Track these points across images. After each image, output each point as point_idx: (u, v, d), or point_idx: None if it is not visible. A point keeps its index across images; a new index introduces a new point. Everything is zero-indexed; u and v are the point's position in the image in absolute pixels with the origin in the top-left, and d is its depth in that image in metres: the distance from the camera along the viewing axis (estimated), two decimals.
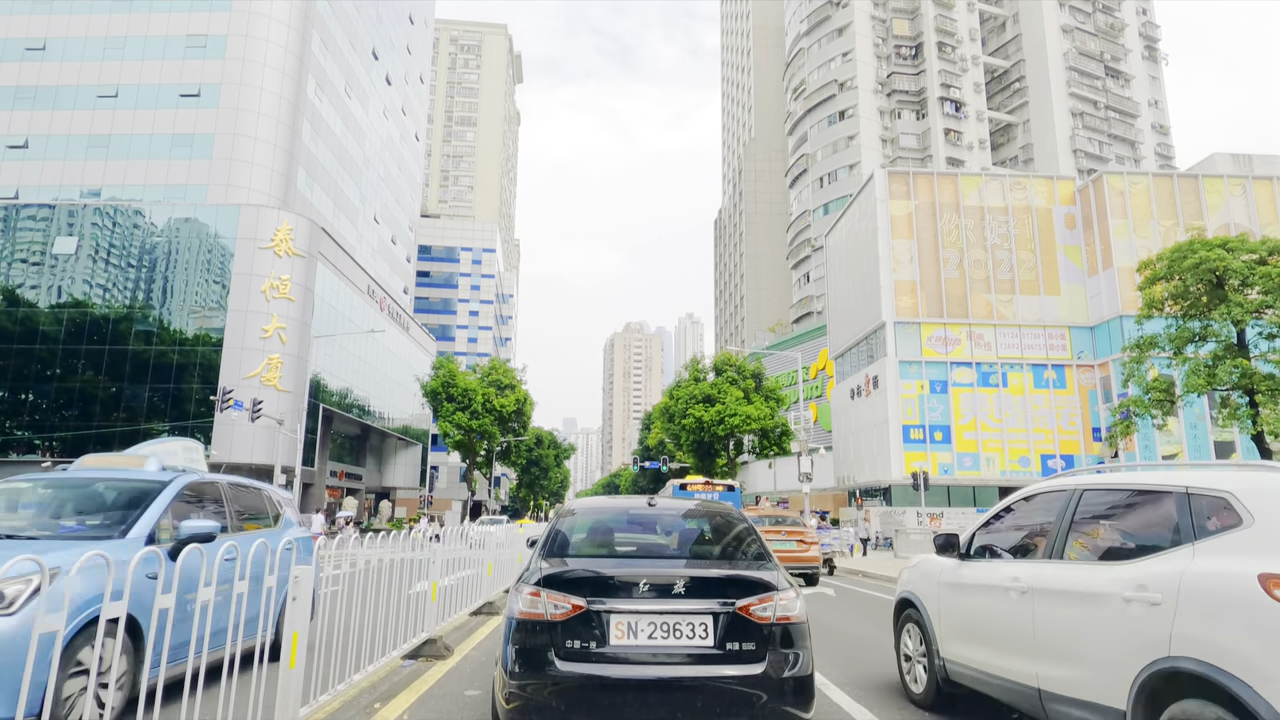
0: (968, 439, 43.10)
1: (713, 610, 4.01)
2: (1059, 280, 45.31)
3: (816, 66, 73.59)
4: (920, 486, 26.65)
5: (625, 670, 3.87)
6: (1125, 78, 73.83)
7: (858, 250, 49.54)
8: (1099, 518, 4.29)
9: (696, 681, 3.87)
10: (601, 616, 3.95)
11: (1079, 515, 4.36)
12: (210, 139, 41.82)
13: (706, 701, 3.85)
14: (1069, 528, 4.37)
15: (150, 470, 6.04)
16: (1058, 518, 4.49)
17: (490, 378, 51.59)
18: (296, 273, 40.97)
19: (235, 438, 37.90)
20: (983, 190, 46.36)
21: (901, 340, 44.21)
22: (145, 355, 38.89)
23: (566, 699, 3.85)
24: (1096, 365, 43.79)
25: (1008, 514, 5.37)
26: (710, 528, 5.17)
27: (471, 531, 11.87)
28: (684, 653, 3.95)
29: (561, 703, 3.85)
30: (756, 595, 4.06)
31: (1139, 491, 4.01)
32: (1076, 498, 4.42)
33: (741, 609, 4.01)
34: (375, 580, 6.62)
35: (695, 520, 5.35)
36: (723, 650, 3.96)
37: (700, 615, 4.00)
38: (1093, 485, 4.40)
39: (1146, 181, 44.61)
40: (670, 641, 3.96)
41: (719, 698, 3.86)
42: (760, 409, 45.23)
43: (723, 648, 3.97)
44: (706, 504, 5.68)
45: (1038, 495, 4.95)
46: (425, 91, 76.72)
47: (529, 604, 4.00)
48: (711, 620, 4.00)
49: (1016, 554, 4.93)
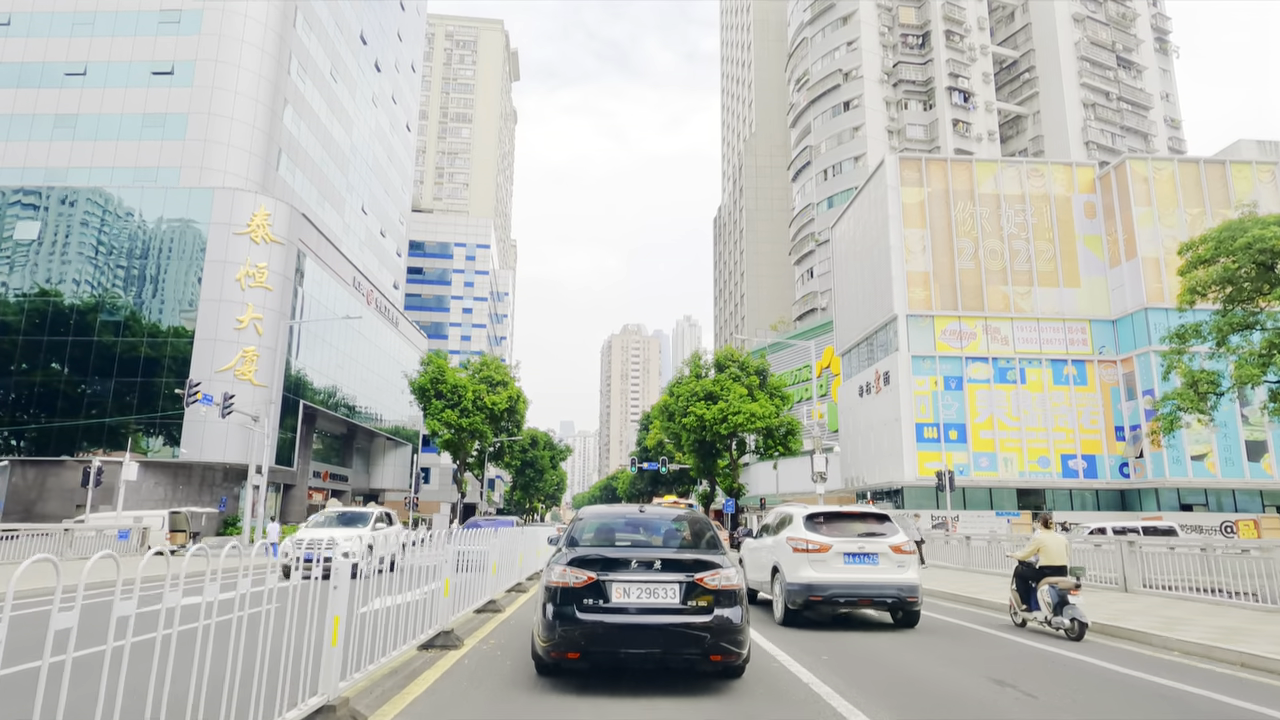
0: (984, 438, 40.84)
1: (679, 580, 6.25)
2: (1079, 271, 43.12)
3: (820, 56, 71.47)
4: (945, 487, 24.38)
5: (622, 618, 6.11)
6: (1137, 69, 71.82)
7: (867, 241, 47.32)
8: (780, 523, 12.03)
9: (667, 626, 6.12)
10: (606, 584, 6.21)
11: (771, 520, 12.58)
12: (184, 119, 39.45)
13: (673, 638, 6.11)
14: (765, 528, 12.77)
15: None
16: (772, 522, 12.49)
17: (481, 374, 49.21)
18: (275, 260, 38.63)
19: (207, 435, 35.53)
20: (998, 177, 44.18)
21: (914, 334, 41.97)
22: (112, 347, 36.51)
23: (585, 636, 6.07)
24: (1119, 361, 41.58)
25: (766, 525, 13.03)
26: (682, 525, 7.71)
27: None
28: (660, 607, 6.18)
29: (582, 639, 6.07)
30: (708, 571, 6.31)
31: (787, 514, 12.08)
32: (777, 515, 12.48)
33: (698, 580, 6.24)
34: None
35: (671, 521, 7.83)
36: (685, 606, 6.20)
37: (671, 583, 6.25)
38: (784, 509, 12.47)
39: (1171, 167, 42.46)
40: (651, 600, 6.20)
41: (682, 636, 6.11)
42: (765, 407, 42.89)
43: (685, 604, 6.20)
44: (680, 511, 8.24)
45: (771, 511, 13.05)
46: (417, 81, 74.45)
47: (560, 576, 6.24)
48: (678, 587, 6.24)
49: (759, 535, 13.07)
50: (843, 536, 10.77)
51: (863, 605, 10.58)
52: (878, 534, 10.88)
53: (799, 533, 10.90)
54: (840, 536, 10.76)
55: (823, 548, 10.57)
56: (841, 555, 10.58)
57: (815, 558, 10.56)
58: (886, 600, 10.51)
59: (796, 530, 10.99)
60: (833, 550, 10.56)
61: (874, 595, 10.47)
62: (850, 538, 10.76)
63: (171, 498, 36.10)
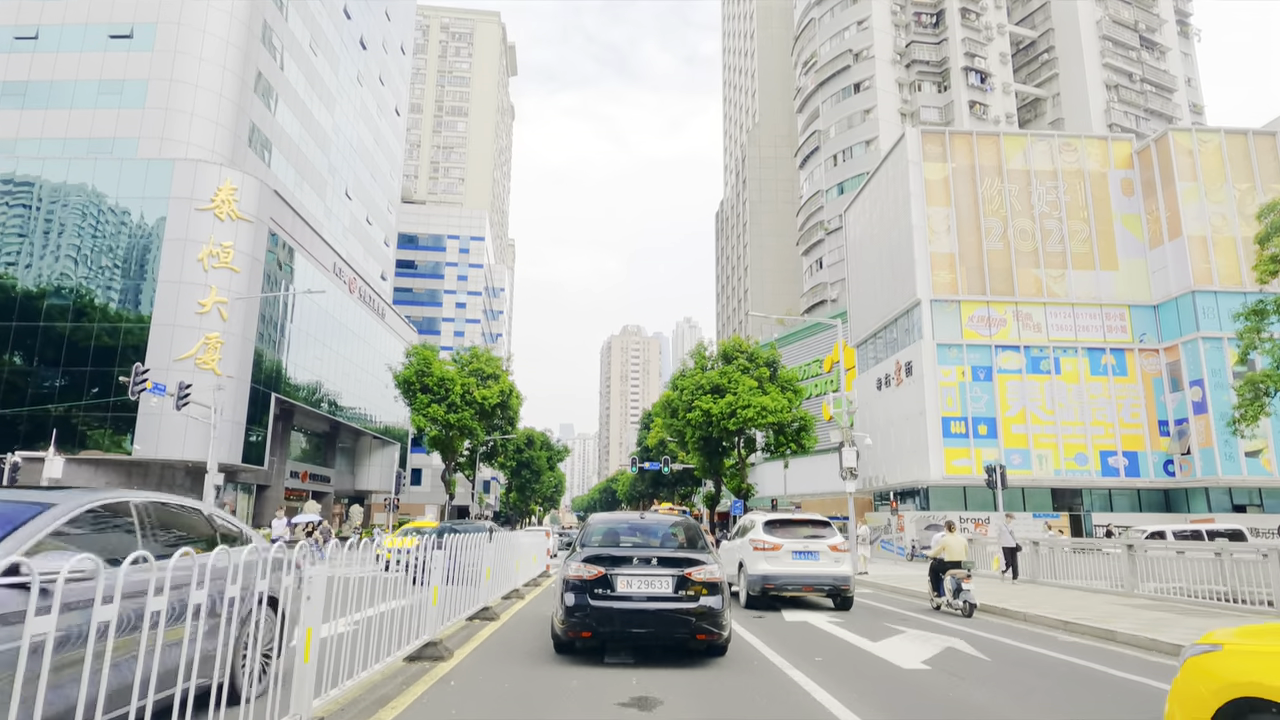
0: (1016, 433, 37.52)
1: (672, 574, 7.60)
2: (1116, 253, 39.85)
3: (829, 37, 68.26)
4: (997, 484, 21.02)
5: (626, 604, 7.40)
6: (1161, 49, 68.64)
7: (885, 222, 44.03)
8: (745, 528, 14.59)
9: (662, 610, 7.39)
10: (613, 577, 7.55)
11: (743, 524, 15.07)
12: (143, 85, 36.14)
13: (667, 621, 7.38)
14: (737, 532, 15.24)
15: None
16: (744, 525, 14.86)
17: (471, 367, 45.80)
18: (242, 240, 35.32)
19: (164, 430, 32.17)
20: (1028, 152, 40.92)
21: (939, 320, 38.67)
22: (60, 332, 33.20)
23: (596, 618, 7.34)
24: (1162, 349, 38.28)
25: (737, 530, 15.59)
26: (676, 530, 9.04)
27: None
28: (657, 596, 7.50)
29: (593, 620, 7.34)
30: (695, 566, 7.65)
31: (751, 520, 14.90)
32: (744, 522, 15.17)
33: (687, 574, 7.59)
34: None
35: (668, 526, 9.15)
36: (676, 595, 7.51)
37: (665, 577, 7.59)
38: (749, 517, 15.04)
39: (1217, 139, 39.19)
40: (649, 590, 7.52)
41: (674, 619, 7.38)
42: (777, 400, 39.48)
43: (676, 593, 7.52)
44: (675, 518, 9.71)
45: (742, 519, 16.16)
46: (407, 64, 71.20)
47: (575, 570, 7.58)
48: (671, 579, 7.58)
49: (732, 538, 15.32)
50: (792, 538, 13.10)
51: (806, 591, 12.96)
52: (820, 536, 13.28)
53: (759, 535, 13.29)
54: (790, 538, 13.09)
55: (775, 547, 12.93)
56: (791, 553, 12.92)
57: (770, 555, 12.94)
58: (825, 588, 12.84)
59: (757, 533, 13.37)
60: (783, 549, 12.90)
61: (815, 584, 12.81)
62: (798, 539, 13.09)
63: None
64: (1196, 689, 3.22)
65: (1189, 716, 3.23)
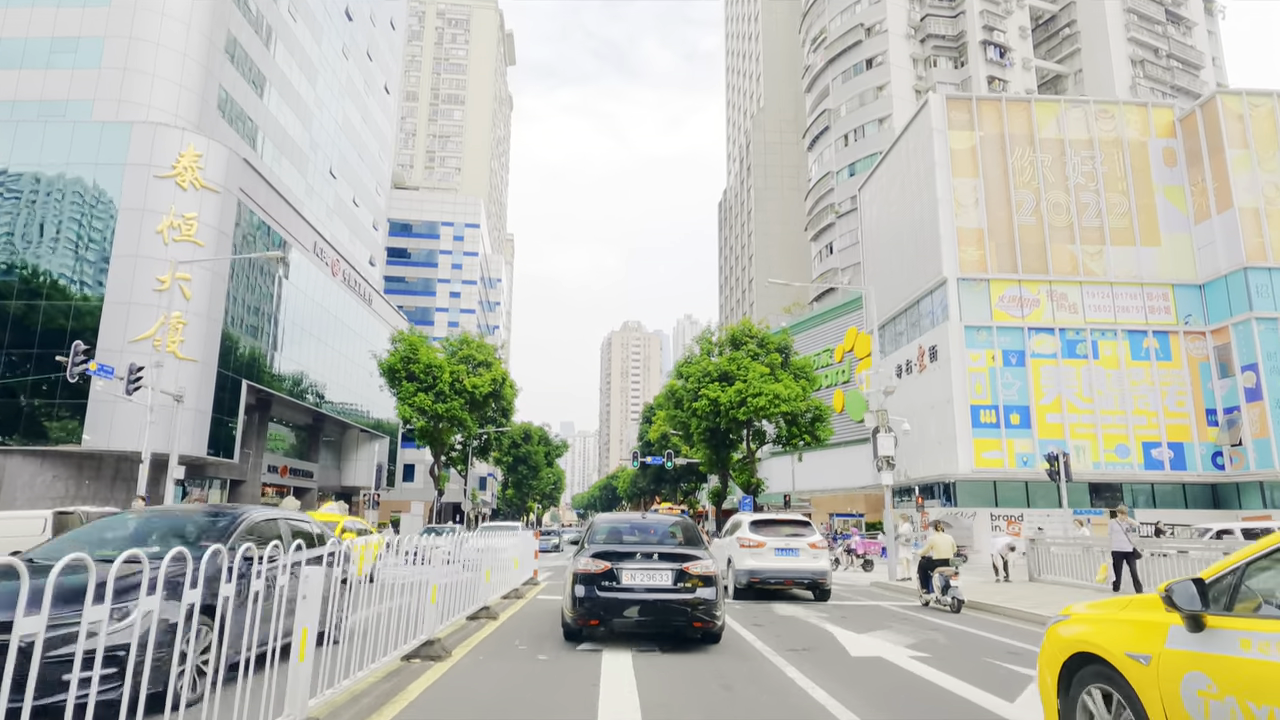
0: (1051, 422, 34.50)
1: (671, 568, 8.31)
2: (1158, 227, 36.79)
3: (839, 12, 65.13)
4: (1060, 474, 18.02)
5: (629, 595, 8.19)
6: (1187, 24, 65.52)
7: (906, 197, 40.97)
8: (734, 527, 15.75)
9: (661, 601, 8.18)
10: (618, 571, 8.29)
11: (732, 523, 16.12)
12: (99, 43, 33.09)
13: (666, 610, 8.19)
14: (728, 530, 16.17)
15: None
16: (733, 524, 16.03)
17: (461, 353, 42.78)
18: (208, 211, 32.31)
19: (118, 419, 29.15)
20: (1061, 120, 37.83)
21: (966, 300, 35.64)
22: (2, 310, 30.19)
23: (602, 608, 8.17)
24: (1210, 331, 35.23)
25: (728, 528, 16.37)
26: (674, 528, 9.76)
27: None
28: (657, 588, 8.24)
29: (600, 610, 8.17)
30: (692, 561, 8.39)
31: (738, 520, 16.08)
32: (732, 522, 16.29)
33: (685, 568, 8.31)
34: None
35: (667, 525, 9.88)
36: (675, 587, 8.24)
37: (665, 570, 8.31)
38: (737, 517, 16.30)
39: (1270, 103, 36.11)
40: (651, 583, 8.26)
41: (672, 609, 8.18)
42: (790, 388, 36.47)
43: (675, 586, 8.25)
44: (674, 518, 10.41)
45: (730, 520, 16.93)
46: (398, 40, 68.09)
47: (585, 564, 8.33)
48: (671, 573, 8.29)
49: (724, 536, 16.19)
50: (775, 536, 14.44)
51: (788, 585, 14.28)
52: (801, 534, 14.58)
53: (745, 533, 14.62)
54: (773, 536, 14.44)
55: (760, 544, 14.32)
56: (774, 550, 14.27)
57: (755, 551, 14.32)
58: (805, 581, 14.14)
59: (743, 532, 14.70)
60: (767, 546, 14.28)
61: (795, 578, 14.17)
62: (780, 537, 14.42)
63: (75, 494, 29.76)
64: (1050, 648, 4.27)
65: (1047, 667, 4.27)
